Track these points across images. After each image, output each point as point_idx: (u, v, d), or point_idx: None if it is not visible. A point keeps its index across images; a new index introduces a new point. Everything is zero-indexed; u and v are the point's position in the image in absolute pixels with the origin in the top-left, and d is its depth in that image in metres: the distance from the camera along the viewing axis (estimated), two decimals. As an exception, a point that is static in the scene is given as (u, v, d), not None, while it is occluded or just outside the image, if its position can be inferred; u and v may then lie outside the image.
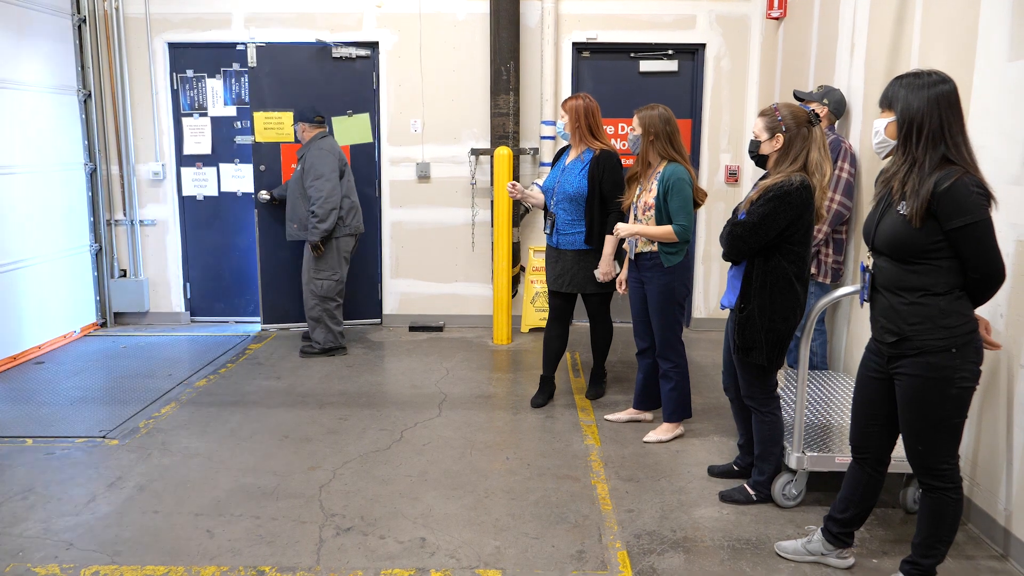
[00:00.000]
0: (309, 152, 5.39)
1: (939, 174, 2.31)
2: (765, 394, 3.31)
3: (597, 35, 6.12)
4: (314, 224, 5.30)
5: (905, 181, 2.37)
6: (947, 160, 2.33)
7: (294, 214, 5.51)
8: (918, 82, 2.36)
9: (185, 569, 2.85)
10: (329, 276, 5.48)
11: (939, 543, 2.57)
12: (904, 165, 2.38)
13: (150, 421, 4.31)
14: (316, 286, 5.47)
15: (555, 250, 4.41)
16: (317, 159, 5.33)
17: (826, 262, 4.33)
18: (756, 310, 3.14)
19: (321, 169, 5.31)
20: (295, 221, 5.52)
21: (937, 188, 2.29)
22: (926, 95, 2.33)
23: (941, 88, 2.33)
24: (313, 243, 5.35)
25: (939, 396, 2.43)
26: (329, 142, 5.50)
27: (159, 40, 6.17)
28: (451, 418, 4.39)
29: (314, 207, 5.30)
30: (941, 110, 2.32)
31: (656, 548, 3.02)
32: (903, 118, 2.37)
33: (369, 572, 2.85)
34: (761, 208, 3.03)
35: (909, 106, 2.35)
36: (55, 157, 5.83)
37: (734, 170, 6.24)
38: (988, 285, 2.39)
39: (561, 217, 4.31)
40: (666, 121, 3.81)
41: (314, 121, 5.50)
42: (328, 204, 5.29)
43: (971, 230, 2.30)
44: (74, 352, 5.68)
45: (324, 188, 5.29)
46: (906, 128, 2.37)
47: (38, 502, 3.36)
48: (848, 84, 4.49)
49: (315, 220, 5.30)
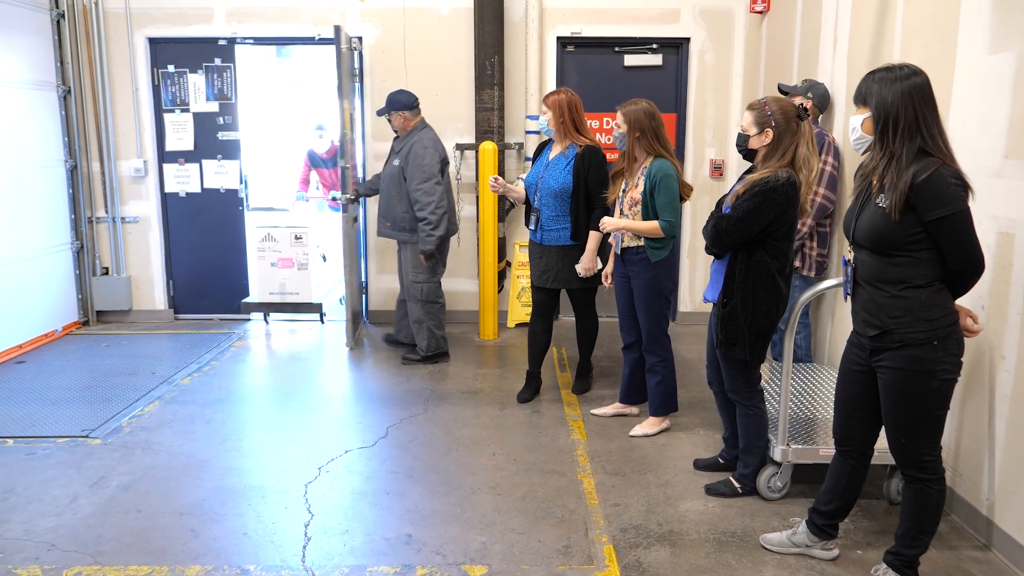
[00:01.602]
0: (413, 146, 4.93)
1: (916, 166, 2.31)
2: (749, 388, 3.32)
3: (581, 29, 6.11)
4: (428, 232, 4.88)
5: (884, 175, 2.38)
6: (924, 152, 2.33)
7: (389, 211, 5.10)
8: (890, 76, 2.37)
9: (169, 569, 2.83)
10: (430, 278, 5.15)
11: (922, 534, 2.59)
12: (883, 160, 2.39)
13: (133, 420, 4.28)
14: (417, 290, 5.14)
15: (539, 246, 4.40)
16: (423, 157, 4.88)
17: (810, 255, 4.35)
18: (739, 304, 3.14)
19: (430, 169, 4.88)
20: (389, 219, 5.12)
21: (915, 180, 2.30)
22: (899, 88, 2.34)
23: (914, 81, 2.34)
24: (428, 252, 4.98)
25: (922, 388, 2.44)
26: (432, 134, 5.06)
27: (140, 35, 6.11)
28: (437, 414, 4.37)
29: (425, 212, 4.87)
30: (915, 103, 2.33)
31: (642, 542, 3.03)
32: (878, 113, 2.38)
33: (355, 570, 2.84)
34: (746, 203, 3.04)
35: (884, 101, 2.36)
36: (34, 154, 5.76)
37: (719, 164, 6.25)
38: (967, 276, 2.40)
39: (545, 213, 4.30)
40: (651, 116, 3.79)
41: (414, 107, 5.03)
42: (440, 209, 4.88)
43: (949, 221, 2.31)
44: (56, 351, 5.62)
45: (435, 192, 4.86)
46: (882, 123, 2.38)
47: (19, 503, 3.32)
48: (831, 78, 4.51)
49: (428, 228, 4.88)
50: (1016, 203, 2.84)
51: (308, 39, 6.19)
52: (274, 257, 6.15)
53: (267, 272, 6.19)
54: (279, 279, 6.17)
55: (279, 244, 6.15)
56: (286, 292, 6.18)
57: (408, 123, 5.05)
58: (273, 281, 6.18)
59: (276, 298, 6.21)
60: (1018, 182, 2.84)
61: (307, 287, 6.18)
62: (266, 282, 6.19)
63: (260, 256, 6.16)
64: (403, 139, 5.05)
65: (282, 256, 6.16)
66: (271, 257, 6.15)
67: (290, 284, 6.18)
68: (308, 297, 6.20)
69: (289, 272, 6.18)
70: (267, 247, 6.15)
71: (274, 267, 6.17)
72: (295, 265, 6.18)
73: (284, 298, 6.20)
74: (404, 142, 5.02)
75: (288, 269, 6.17)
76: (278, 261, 6.16)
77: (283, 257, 6.16)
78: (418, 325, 5.23)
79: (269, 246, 6.14)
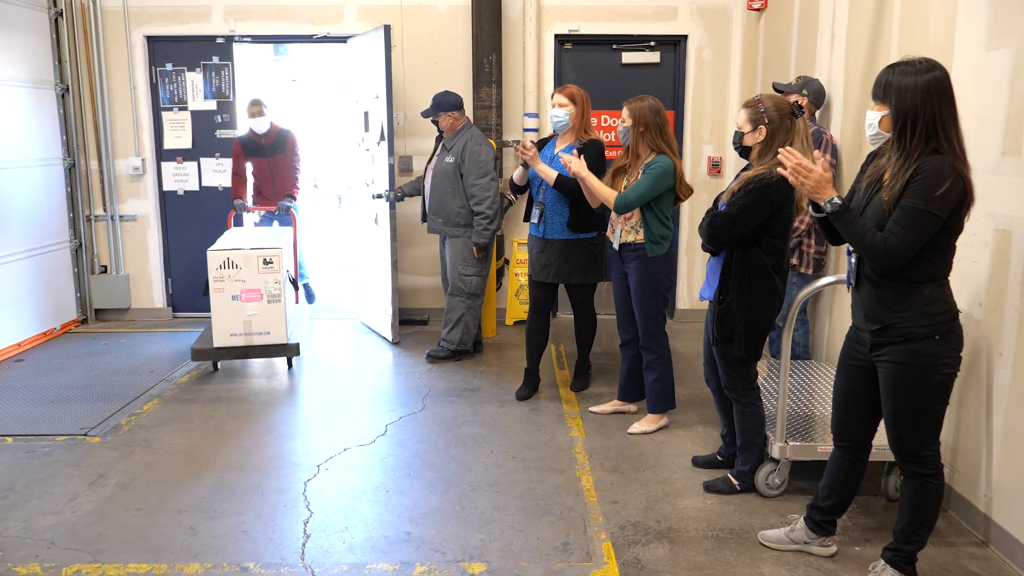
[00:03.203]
0: (468, 144, 5.03)
1: (921, 163, 2.32)
2: (745, 385, 3.32)
3: (579, 27, 6.11)
4: (484, 226, 5.01)
5: (896, 173, 2.38)
6: (935, 152, 2.34)
7: (441, 208, 5.14)
8: (911, 71, 2.34)
9: (168, 567, 2.83)
10: (478, 272, 5.20)
11: (920, 529, 2.60)
12: (899, 160, 2.38)
13: (132, 418, 4.28)
14: (465, 283, 5.19)
15: (541, 240, 4.38)
16: (480, 153, 5.00)
17: (808, 252, 4.35)
18: (735, 301, 3.15)
19: (487, 166, 5.00)
20: (441, 216, 5.15)
21: (914, 177, 2.31)
22: (920, 88, 2.31)
23: (934, 77, 2.31)
24: (481, 245, 5.06)
25: (923, 383, 2.45)
26: (479, 132, 5.19)
27: (137, 33, 6.10)
28: (436, 412, 4.38)
29: (482, 206, 4.98)
30: (934, 102, 2.31)
31: (641, 539, 3.03)
32: (897, 113, 2.36)
33: (354, 567, 2.84)
34: (741, 200, 3.04)
35: (903, 101, 2.34)
36: (33, 152, 5.75)
37: (716, 161, 6.26)
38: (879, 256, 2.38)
39: (549, 206, 4.29)
40: (656, 112, 3.78)
41: (461, 107, 5.12)
42: (496, 203, 5.02)
43: (916, 211, 2.31)
44: (54, 349, 5.62)
45: (492, 187, 5.00)
46: (900, 123, 2.36)
47: (18, 501, 3.33)
48: (829, 75, 4.51)
49: (485, 222, 5.00)
50: (1013, 200, 2.85)
51: (306, 38, 6.18)
52: (236, 288, 4.83)
53: (227, 308, 4.84)
54: (242, 316, 4.87)
55: (243, 272, 4.82)
56: (252, 333, 4.90)
57: (457, 122, 5.13)
58: (235, 319, 4.86)
59: (240, 340, 4.89)
60: (1015, 179, 2.84)
61: (280, 324, 4.94)
62: (226, 321, 4.86)
63: (217, 288, 4.82)
64: (453, 137, 5.12)
65: (247, 287, 4.85)
66: (232, 288, 4.83)
67: (259, 322, 4.89)
68: (282, 336, 4.97)
69: (256, 307, 4.88)
70: (226, 276, 4.82)
71: (236, 301, 4.85)
72: (264, 297, 4.89)
73: (250, 339, 4.90)
74: (456, 140, 5.10)
75: (255, 303, 4.88)
76: (242, 294, 4.84)
77: (248, 288, 4.85)
78: (456, 319, 5.28)
79: (229, 275, 4.82)
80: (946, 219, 2.33)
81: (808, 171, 2.46)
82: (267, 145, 6.18)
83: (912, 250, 2.35)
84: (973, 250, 3.03)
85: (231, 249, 4.87)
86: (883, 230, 2.38)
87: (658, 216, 3.81)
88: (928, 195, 2.29)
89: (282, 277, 4.93)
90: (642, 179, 3.74)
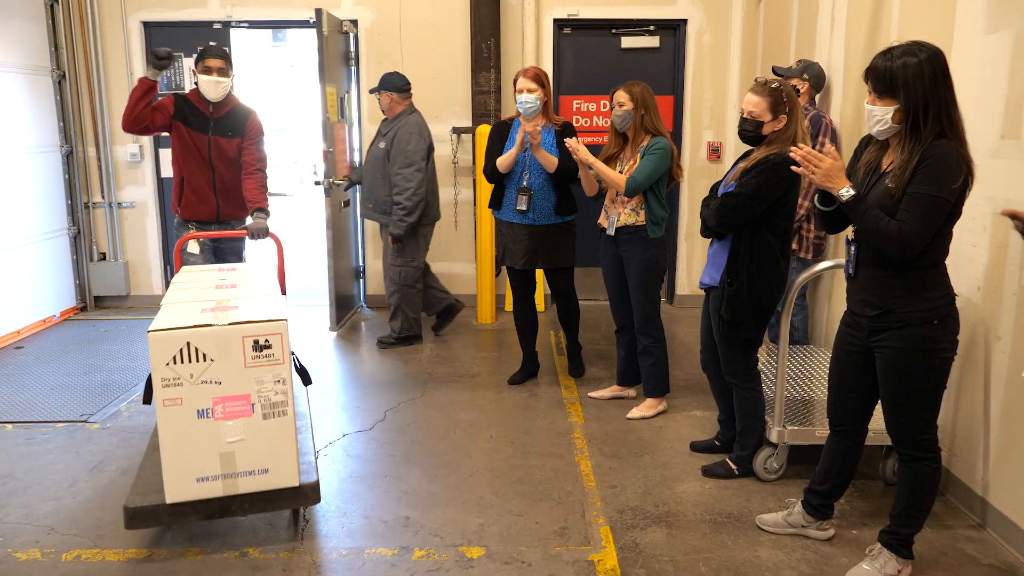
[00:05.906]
0: (399, 130, 4.88)
1: (928, 147, 2.31)
2: (747, 370, 3.33)
3: (578, 11, 6.08)
4: (400, 217, 4.86)
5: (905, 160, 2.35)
6: (940, 136, 2.33)
7: (371, 194, 5.08)
8: (913, 60, 2.31)
9: (168, 551, 2.84)
10: (408, 263, 5.11)
11: (917, 513, 2.60)
12: (909, 146, 2.35)
13: (132, 404, 4.28)
14: (395, 273, 5.12)
15: (527, 228, 4.30)
16: (408, 142, 4.84)
17: (808, 238, 4.35)
18: (745, 284, 3.14)
19: (413, 156, 4.83)
20: (371, 201, 5.08)
21: (921, 162, 2.30)
22: (926, 76, 2.29)
23: (934, 62, 2.30)
24: (396, 236, 4.94)
25: (922, 367, 2.45)
26: (419, 119, 5.00)
27: (134, 19, 6.07)
28: (435, 397, 4.39)
29: (401, 197, 4.85)
30: (940, 88, 2.30)
31: (639, 523, 3.04)
32: (909, 106, 2.32)
33: (353, 552, 2.85)
34: (755, 179, 3.04)
35: (914, 93, 2.31)
36: (30, 139, 5.73)
37: (716, 146, 6.24)
38: (895, 244, 2.35)
39: (538, 192, 4.27)
40: (651, 95, 3.86)
41: (404, 91, 4.95)
42: (416, 196, 4.85)
43: (928, 198, 2.30)
44: (54, 336, 5.63)
45: (414, 179, 4.83)
46: (913, 115, 2.33)
47: (18, 487, 3.34)
48: (828, 59, 4.49)
49: (402, 212, 4.86)
50: (1013, 183, 2.84)
51: (303, 22, 6.15)
52: (204, 397, 2.65)
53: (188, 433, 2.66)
54: (217, 446, 2.69)
55: (217, 367, 2.64)
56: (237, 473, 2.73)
57: (396, 106, 5.00)
58: (204, 452, 2.69)
59: (214, 486, 2.72)
60: (1015, 162, 2.83)
61: (285, 454, 2.77)
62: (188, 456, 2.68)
63: (170, 400, 2.62)
64: (390, 122, 5.03)
65: (224, 393, 2.67)
66: (197, 397, 2.64)
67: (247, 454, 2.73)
68: (289, 474, 2.80)
69: (243, 427, 2.70)
70: (186, 376, 2.62)
71: (205, 419, 2.67)
72: (256, 409, 2.71)
73: (233, 484, 2.74)
74: (391, 125, 5.00)
75: (240, 419, 2.70)
76: (215, 406, 2.67)
77: (227, 396, 2.68)
78: (394, 308, 5.26)
79: (192, 373, 2.62)
80: (953, 203, 2.32)
81: (819, 161, 2.44)
82: (214, 119, 4.30)
83: (927, 236, 2.33)
84: (972, 234, 3.02)
85: (193, 327, 2.61)
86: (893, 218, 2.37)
87: (659, 197, 3.85)
88: (939, 180, 2.29)
89: (287, 371, 2.73)
90: (647, 161, 3.75)
